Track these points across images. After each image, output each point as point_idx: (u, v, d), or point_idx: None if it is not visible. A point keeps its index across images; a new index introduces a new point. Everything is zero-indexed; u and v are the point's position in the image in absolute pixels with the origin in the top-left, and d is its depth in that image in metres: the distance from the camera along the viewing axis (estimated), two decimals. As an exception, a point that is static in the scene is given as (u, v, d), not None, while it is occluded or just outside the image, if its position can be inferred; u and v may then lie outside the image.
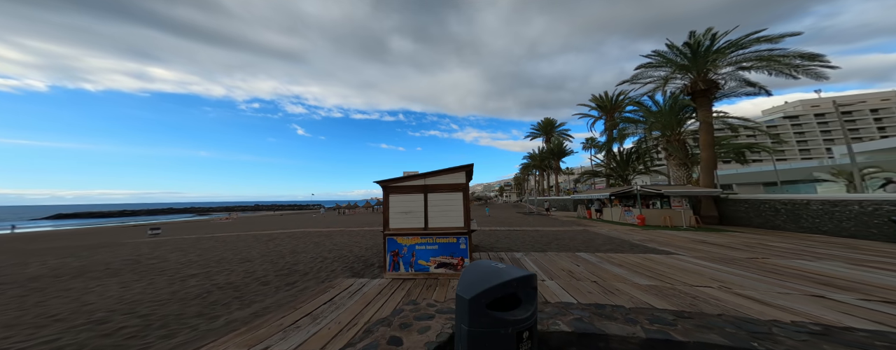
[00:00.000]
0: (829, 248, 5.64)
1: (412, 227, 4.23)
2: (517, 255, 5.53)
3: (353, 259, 5.73)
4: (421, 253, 4.13)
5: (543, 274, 4.05)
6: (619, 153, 20.50)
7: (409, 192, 4.36)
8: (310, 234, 11.09)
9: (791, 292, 3.01)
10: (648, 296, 2.98)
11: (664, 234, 8.44)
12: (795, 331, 1.43)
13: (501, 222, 14.06)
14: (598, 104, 24.68)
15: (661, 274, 3.88)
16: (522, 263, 4.81)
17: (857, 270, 3.88)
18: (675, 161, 14.22)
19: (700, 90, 11.51)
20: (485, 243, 7.67)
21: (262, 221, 22.76)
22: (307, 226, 15.64)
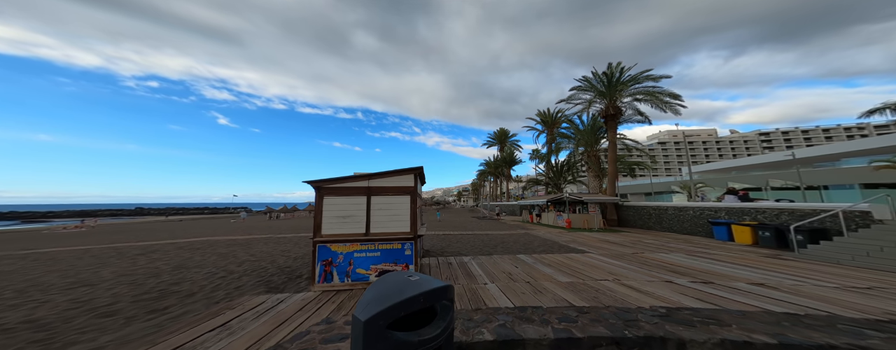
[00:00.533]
0: (677, 243, 8.02)
1: (351, 232, 3.90)
2: (465, 259, 5.86)
3: (273, 271, 5.02)
4: (360, 261, 3.87)
5: (486, 277, 4.39)
6: (556, 164, 24.26)
7: (349, 195, 4.01)
8: (217, 243, 9.29)
9: (654, 280, 4.11)
10: (566, 292, 3.64)
11: (583, 235, 10.39)
12: (651, 315, 2.06)
13: (456, 226, 14.70)
14: (541, 119, 28.66)
15: (577, 271, 4.78)
16: (469, 267, 5.11)
17: (690, 259, 5.63)
18: (592, 173, 17.72)
19: (610, 114, 14.75)
20: (437, 248, 7.88)
21: (142, 230, 17.79)
22: (218, 234, 13.00)
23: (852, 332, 1.72)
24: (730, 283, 3.89)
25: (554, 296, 3.47)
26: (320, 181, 3.99)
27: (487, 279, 4.32)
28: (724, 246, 7.57)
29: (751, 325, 1.78)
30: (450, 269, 5.10)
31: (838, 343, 1.52)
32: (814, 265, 5.09)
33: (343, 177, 4.11)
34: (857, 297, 3.33)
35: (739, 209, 8.92)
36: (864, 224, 6.16)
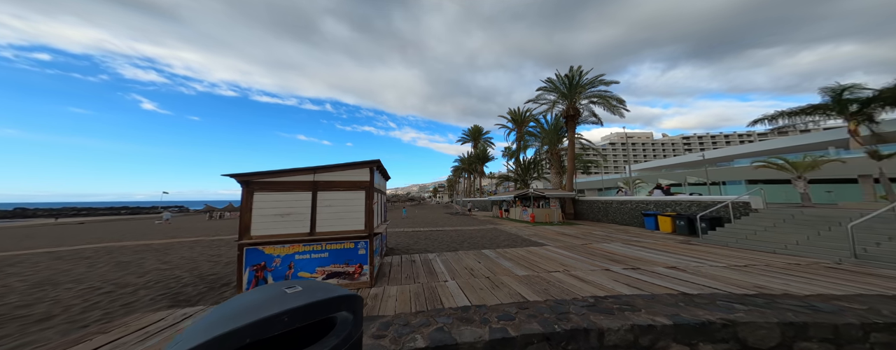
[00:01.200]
0: (618, 233, 9.19)
1: (291, 232, 3.53)
2: (430, 256, 5.88)
3: (189, 280, 4.40)
4: (303, 263, 3.53)
5: (448, 274, 4.47)
6: (524, 161, 25.76)
7: (290, 190, 3.60)
8: (121, 249, 7.93)
9: (596, 269, 4.65)
10: (521, 285, 3.86)
11: (544, 228, 11.25)
12: (581, 306, 2.26)
13: (427, 223, 14.72)
14: (512, 118, 30.02)
15: (534, 264, 5.15)
16: (432, 265, 5.14)
17: (625, 248, 6.50)
18: (553, 170, 19.25)
19: (570, 115, 16.14)
20: (404, 245, 7.81)
21: (14, 236, 14.33)
22: (129, 238, 11.00)
23: (725, 307, 2.09)
24: (651, 268, 4.55)
25: (509, 291, 3.63)
26: (248, 175, 3.48)
27: (449, 276, 4.38)
28: (652, 235, 8.89)
29: (656, 308, 2.06)
30: (412, 266, 5.06)
31: (714, 318, 1.83)
32: (712, 248, 6.28)
33: (281, 170, 3.64)
34: (737, 274, 4.18)
35: (664, 202, 10.59)
36: (745, 213, 7.83)
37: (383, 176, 6.46)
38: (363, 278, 3.72)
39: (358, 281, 3.74)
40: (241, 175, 3.41)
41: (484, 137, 43.17)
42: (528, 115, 26.52)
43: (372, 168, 4.09)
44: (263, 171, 3.54)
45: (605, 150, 79.44)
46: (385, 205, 6.96)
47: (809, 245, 5.50)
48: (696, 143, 75.23)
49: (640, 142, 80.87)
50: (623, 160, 78.55)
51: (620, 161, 77.58)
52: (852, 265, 4.51)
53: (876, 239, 4.96)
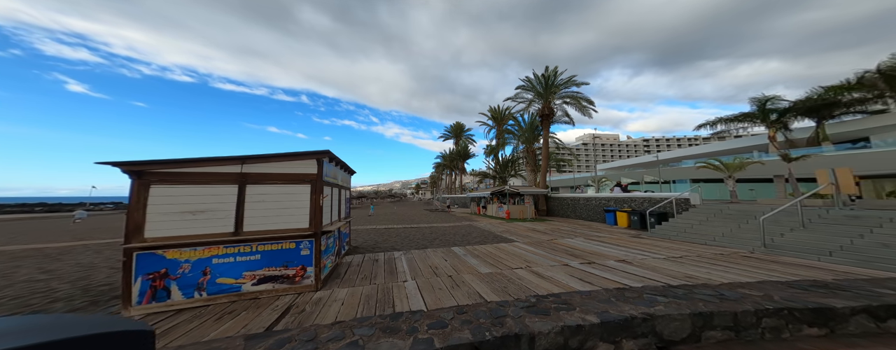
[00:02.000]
0: (582, 229, 9.79)
1: (207, 233, 3.02)
2: (396, 255, 5.73)
3: (66, 294, 3.78)
4: (224, 268, 3.07)
5: (410, 273, 4.37)
6: (502, 159, 26.38)
7: (205, 182, 3.08)
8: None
9: (556, 264, 4.83)
10: (482, 284, 3.85)
11: (517, 224, 11.64)
12: (521, 307, 2.26)
13: (403, 220, 14.49)
14: (492, 115, 30.44)
15: (500, 260, 5.23)
16: (395, 264, 5.00)
17: (585, 243, 6.91)
18: (529, 167, 19.98)
19: (545, 114, 16.75)
20: (371, 243, 7.60)
21: None
22: (17, 242, 9.41)
23: (649, 300, 2.22)
24: (604, 262, 4.86)
25: (468, 290, 3.61)
26: (141, 163, 2.87)
27: (410, 276, 4.27)
28: (611, 229, 9.61)
29: (589, 305, 2.12)
30: (373, 266, 4.89)
31: (637, 313, 1.93)
32: (657, 241, 6.93)
33: (192, 159, 3.10)
34: (673, 265, 4.62)
35: (622, 199, 11.51)
36: (686, 208, 8.77)
37: (346, 170, 6.11)
38: (306, 281, 3.43)
39: (300, 284, 3.43)
40: (129, 164, 2.78)
41: (466, 134, 43.42)
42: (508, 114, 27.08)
43: (320, 160, 3.71)
44: (165, 159, 2.98)
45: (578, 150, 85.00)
46: (348, 201, 6.62)
47: (732, 236, 6.29)
48: (654, 146, 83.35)
49: (609, 143, 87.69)
50: (594, 160, 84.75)
51: (592, 160, 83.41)
52: (762, 254, 5.24)
53: (781, 230, 5.81)
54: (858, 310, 2.08)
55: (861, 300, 2.18)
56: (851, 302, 2.18)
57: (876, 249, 4.44)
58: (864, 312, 2.08)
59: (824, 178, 6.28)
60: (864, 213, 5.40)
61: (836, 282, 2.67)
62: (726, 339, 1.99)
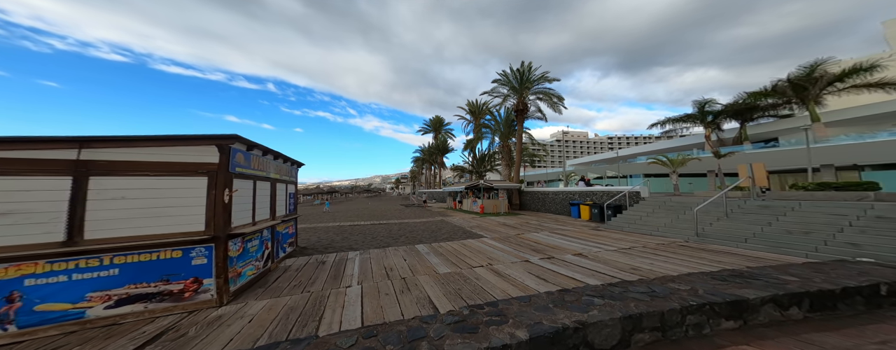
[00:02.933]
0: (550, 223, 10.15)
1: (14, 244, 2.19)
2: (350, 255, 5.26)
3: None
4: (49, 290, 2.28)
5: (359, 277, 3.98)
6: (479, 153, 26.57)
7: (6, 173, 2.22)
8: None
9: (517, 261, 4.76)
10: (435, 286, 3.51)
11: (489, 219, 11.73)
12: (448, 323, 2.01)
13: (373, 216, 13.85)
14: (470, 109, 30.30)
15: (462, 259, 5.02)
16: (344, 266, 4.55)
17: (549, 237, 7.07)
18: (504, 162, 20.36)
19: (520, 109, 17.01)
20: (327, 242, 7.06)
21: None
22: None
23: (585, 303, 2.13)
24: (563, 256, 4.94)
25: (418, 295, 3.32)
26: None
27: (357, 280, 3.88)
28: (574, 222, 10.11)
29: (524, 316, 1.95)
30: (316, 270, 4.39)
31: (570, 323, 1.79)
32: (612, 233, 7.37)
33: None
34: (622, 256, 4.85)
35: (585, 192, 12.21)
36: (637, 201, 9.54)
37: (289, 162, 5.40)
38: (203, 296, 2.82)
39: (192, 301, 2.78)
40: None
41: (445, 129, 42.96)
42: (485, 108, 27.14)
43: (225, 146, 2.97)
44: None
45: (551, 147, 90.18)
46: (292, 196, 5.89)
47: (672, 227, 6.92)
48: (617, 143, 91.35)
49: (579, 140, 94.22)
50: (563, 155, 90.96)
51: (564, 156, 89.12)
52: (695, 243, 5.80)
53: (710, 220, 6.50)
54: (767, 300, 2.19)
55: (769, 289, 2.33)
56: (762, 291, 2.30)
57: (781, 236, 5.12)
58: (772, 302, 2.20)
59: (744, 172, 7.13)
60: (773, 204, 6.24)
61: (749, 270, 2.90)
62: (654, 340, 1.96)
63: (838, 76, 14.07)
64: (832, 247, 4.41)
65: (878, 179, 9.24)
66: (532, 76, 17.27)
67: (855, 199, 5.63)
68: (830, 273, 2.74)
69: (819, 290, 2.24)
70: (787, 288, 2.36)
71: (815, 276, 2.66)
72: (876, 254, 4.00)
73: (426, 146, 44.98)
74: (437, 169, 43.24)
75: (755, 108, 17.58)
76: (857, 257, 3.90)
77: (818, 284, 2.38)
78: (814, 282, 2.46)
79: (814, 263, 3.30)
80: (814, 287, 2.28)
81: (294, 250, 5.74)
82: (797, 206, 5.75)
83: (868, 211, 4.88)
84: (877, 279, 2.46)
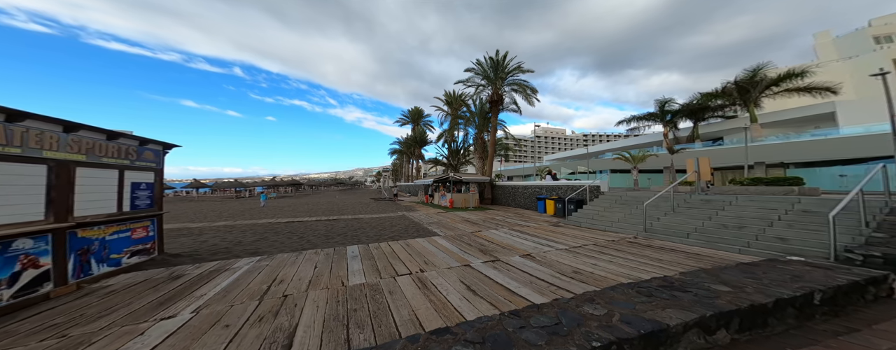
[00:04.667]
0: (514, 218, 9.86)
1: None
2: (237, 265, 4.19)
3: None
4: None
5: (209, 299, 3.02)
6: (454, 146, 25.92)
7: None
8: None
9: (457, 265, 4.13)
10: (324, 307, 2.74)
11: (455, 214, 11.21)
12: None
13: (330, 211, 12.65)
14: (447, 100, 29.29)
15: (393, 264, 4.22)
16: (203, 284, 3.47)
17: (506, 234, 6.64)
18: (477, 155, 19.95)
19: (494, 101, 16.51)
20: (225, 244, 5.99)
21: None
22: None
23: (503, 338, 1.50)
24: (510, 258, 4.47)
25: (280, 324, 2.45)
26: None
27: (201, 304, 2.91)
28: (538, 218, 9.93)
29: None
30: (144, 292, 3.22)
31: None
32: (569, 229, 7.18)
33: None
34: (569, 257, 4.50)
35: (552, 187, 12.18)
36: (597, 195, 9.58)
37: (140, 143, 4.22)
38: None
39: None
40: None
41: (425, 120, 41.58)
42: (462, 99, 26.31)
43: None
44: None
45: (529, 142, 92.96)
46: (147, 188, 4.59)
47: (625, 222, 6.87)
48: (591, 140, 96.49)
49: (557, 137, 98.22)
50: (535, 151, 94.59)
51: (544, 152, 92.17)
52: (643, 238, 5.72)
53: (658, 215, 6.51)
54: (691, 325, 1.76)
55: (697, 307, 1.94)
56: (687, 312, 1.89)
57: (718, 231, 5.14)
58: (697, 326, 1.76)
59: (691, 166, 7.24)
60: (715, 198, 6.37)
61: (681, 279, 2.56)
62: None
63: (775, 80, 15.44)
64: (762, 242, 4.43)
65: (801, 175, 10.29)
66: (507, 66, 16.74)
67: (782, 193, 5.87)
68: (763, 278, 2.47)
69: (750, 305, 1.88)
70: (716, 304, 1.98)
71: (747, 282, 2.36)
72: (802, 249, 4.03)
73: (404, 138, 43.38)
74: (415, 162, 42.03)
75: (707, 109, 18.89)
76: (788, 255, 3.88)
77: (750, 296, 2.03)
78: (746, 291, 2.14)
79: (746, 265, 3.10)
80: (745, 301, 1.92)
81: (146, 261, 4.41)
82: (734, 200, 5.88)
83: (795, 205, 5.04)
84: (810, 286, 2.21)
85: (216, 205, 19.99)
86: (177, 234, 7.45)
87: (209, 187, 36.82)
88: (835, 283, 2.25)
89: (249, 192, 34.40)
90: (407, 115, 42.23)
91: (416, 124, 41.09)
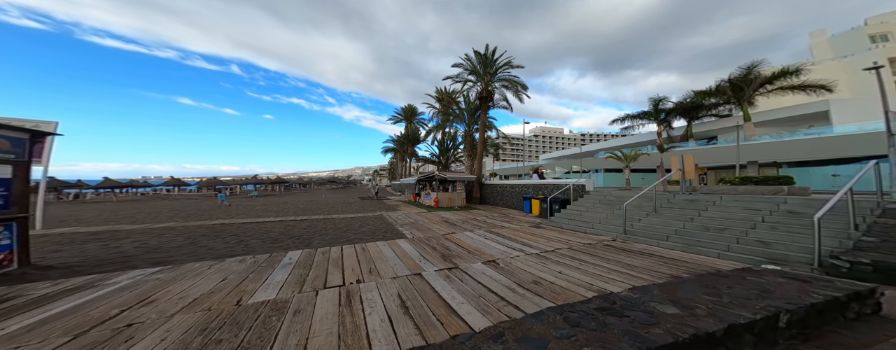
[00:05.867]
0: (497, 218, 9.43)
1: None
2: (113, 279, 3.54)
3: None
4: None
5: (12, 333, 2.34)
6: (445, 143, 25.52)
7: None
8: None
9: (407, 273, 3.73)
10: (185, 332, 2.32)
11: (437, 214, 10.80)
12: None
13: (306, 211, 12.08)
14: (439, 97, 28.79)
15: (330, 273, 3.78)
16: (32, 310, 2.81)
17: (479, 237, 6.15)
18: (466, 152, 19.54)
19: (483, 97, 16.10)
20: (138, 250, 5.42)
21: None
22: None
23: None
24: (470, 266, 4.08)
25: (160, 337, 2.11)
26: None
27: None
28: (522, 218, 9.54)
29: None
30: None
31: None
32: (548, 231, 6.79)
33: None
34: (535, 264, 4.12)
35: (539, 186, 11.83)
36: (582, 195, 9.23)
37: (23, 133, 3.69)
38: None
39: None
40: None
41: (419, 118, 41.10)
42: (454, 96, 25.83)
43: None
44: None
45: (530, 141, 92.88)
46: (4, 184, 3.80)
47: (606, 223, 6.52)
48: (588, 139, 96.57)
49: (555, 136, 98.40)
50: (543, 150, 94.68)
51: (542, 151, 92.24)
52: (621, 240, 5.36)
53: (640, 215, 6.17)
54: None
55: (621, 345, 1.52)
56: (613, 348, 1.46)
57: (698, 233, 4.80)
58: None
59: (676, 164, 6.89)
60: (700, 198, 6.04)
61: (626, 298, 2.19)
62: None
63: (769, 78, 15.18)
64: (743, 245, 4.10)
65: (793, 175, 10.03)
66: (497, 62, 16.31)
67: (771, 193, 5.54)
68: (725, 294, 2.11)
69: (693, 335, 1.49)
70: (650, 337, 1.59)
71: (703, 301, 1.99)
72: (784, 254, 3.69)
73: (397, 136, 42.91)
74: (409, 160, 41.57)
75: (701, 107, 18.63)
76: (768, 262, 3.54)
77: (699, 321, 1.66)
78: (696, 314, 1.77)
79: (713, 276, 2.73)
80: (689, 329, 1.55)
81: (5, 274, 3.65)
82: (718, 200, 5.54)
83: (781, 205, 4.71)
84: (776, 306, 1.84)
85: (183, 204, 19.11)
86: (89, 238, 6.75)
87: (192, 186, 36.22)
88: (808, 301, 1.89)
89: (230, 191, 33.91)
90: (400, 113, 41.74)
91: (409, 122, 40.60)
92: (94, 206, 18.77)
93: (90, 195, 27.30)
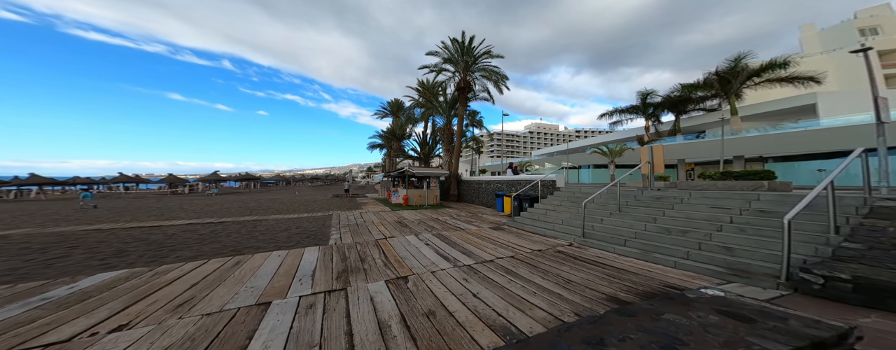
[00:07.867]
0: (460, 219, 8.59)
1: None
2: None
3: None
4: None
5: None
6: (425, 138, 24.66)
7: None
8: None
9: (250, 303, 2.83)
10: None
11: (397, 214, 9.85)
12: None
13: (249, 211, 10.67)
14: (420, 89, 27.72)
15: (147, 301, 2.90)
16: None
17: (423, 242, 5.40)
18: (444, 147, 18.72)
19: (462, 87, 15.23)
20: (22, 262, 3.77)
21: None
22: None
23: None
24: (365, 286, 3.31)
25: None
26: None
27: None
28: (489, 218, 8.81)
29: None
30: None
31: None
32: (504, 234, 6.08)
33: None
34: (457, 280, 3.40)
35: (512, 182, 11.14)
36: (551, 191, 8.56)
37: None
38: None
39: None
40: None
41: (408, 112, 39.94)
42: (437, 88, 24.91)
43: None
44: None
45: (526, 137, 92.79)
46: None
47: (568, 223, 5.84)
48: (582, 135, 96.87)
49: (551, 132, 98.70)
50: (539, 146, 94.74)
51: (537, 147, 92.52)
52: (577, 246, 4.69)
53: (603, 215, 5.50)
54: None
55: None
56: None
57: (659, 236, 4.15)
58: None
59: (645, 156, 6.24)
60: (668, 194, 5.41)
61: (538, 342, 1.42)
62: None
63: (757, 70, 14.75)
64: (704, 252, 3.45)
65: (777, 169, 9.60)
66: (475, 50, 15.42)
67: (751, 188, 4.93)
68: (644, 337, 1.37)
69: None
70: None
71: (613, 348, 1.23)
72: (748, 263, 3.04)
73: (383, 131, 41.74)
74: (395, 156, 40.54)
75: (688, 100, 18.18)
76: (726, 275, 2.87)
77: None
78: None
79: (623, 310, 1.98)
80: None
81: None
82: (687, 197, 4.90)
83: (753, 203, 4.08)
84: None
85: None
86: None
87: (156, 182, 34.43)
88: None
89: (190, 188, 32.09)
90: (386, 107, 40.50)
91: (396, 117, 39.44)
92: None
93: (34, 193, 24.70)
